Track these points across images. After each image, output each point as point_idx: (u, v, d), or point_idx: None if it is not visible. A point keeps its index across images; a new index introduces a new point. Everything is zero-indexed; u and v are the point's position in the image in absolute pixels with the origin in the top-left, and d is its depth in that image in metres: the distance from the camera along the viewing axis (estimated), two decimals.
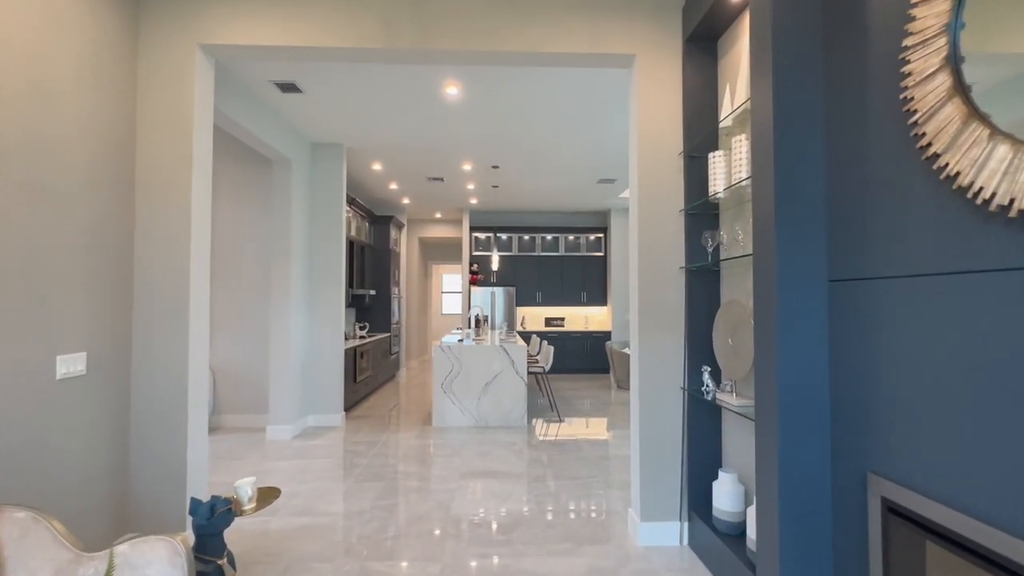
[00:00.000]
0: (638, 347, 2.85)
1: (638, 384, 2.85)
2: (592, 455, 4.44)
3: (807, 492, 1.67)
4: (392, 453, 4.46)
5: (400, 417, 5.87)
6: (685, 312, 2.83)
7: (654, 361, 2.84)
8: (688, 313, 2.79)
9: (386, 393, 7.42)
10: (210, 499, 1.95)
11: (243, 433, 5.10)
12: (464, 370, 5.43)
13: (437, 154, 5.94)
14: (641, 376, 2.84)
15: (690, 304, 2.79)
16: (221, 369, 5.36)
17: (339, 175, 5.55)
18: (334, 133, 5.25)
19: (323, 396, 5.44)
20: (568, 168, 6.58)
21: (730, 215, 2.64)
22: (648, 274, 2.85)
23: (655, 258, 2.86)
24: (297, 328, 5.13)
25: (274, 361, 4.95)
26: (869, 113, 1.53)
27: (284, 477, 3.83)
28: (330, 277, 5.49)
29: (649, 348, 2.84)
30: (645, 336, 2.84)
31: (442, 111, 4.60)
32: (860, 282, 1.56)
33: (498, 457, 4.35)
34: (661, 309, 2.85)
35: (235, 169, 5.43)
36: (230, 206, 5.42)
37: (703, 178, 2.78)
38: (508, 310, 9.43)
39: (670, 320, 2.85)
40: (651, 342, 2.84)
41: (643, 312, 2.85)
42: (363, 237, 7.76)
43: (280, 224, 5.00)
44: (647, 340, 2.84)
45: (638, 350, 2.85)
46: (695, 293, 2.79)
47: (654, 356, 2.84)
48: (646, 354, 2.84)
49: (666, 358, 2.84)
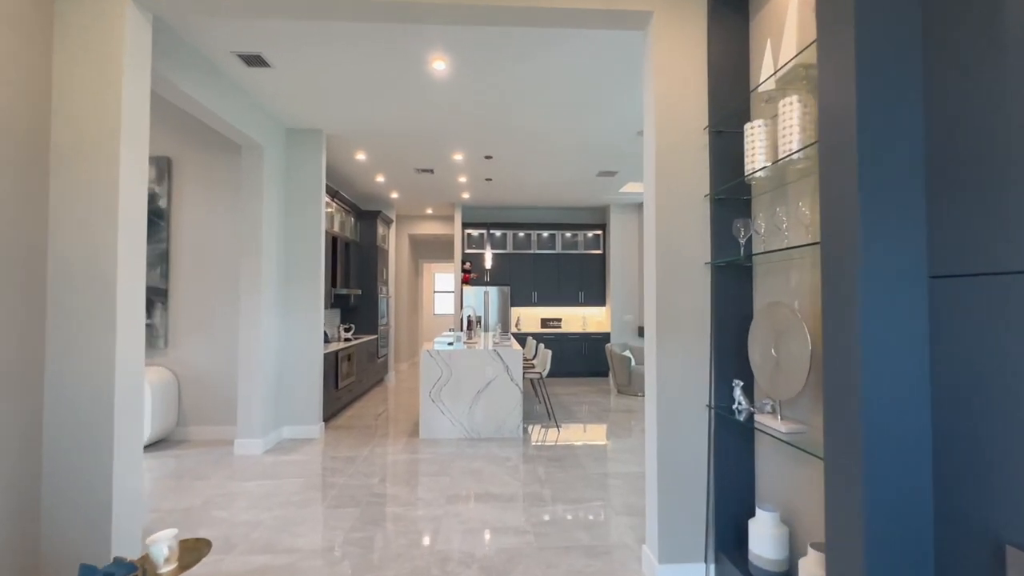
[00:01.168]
0: (655, 356, 2.42)
1: (655, 399, 2.42)
2: (595, 472, 4.00)
3: (904, 566, 1.23)
4: (373, 471, 4.00)
5: (386, 427, 5.41)
6: (711, 316, 2.39)
7: (674, 373, 2.40)
8: (715, 317, 2.36)
9: (372, 399, 6.96)
10: (111, 562, 1.50)
11: (211, 447, 4.63)
12: (454, 377, 4.98)
13: (425, 142, 5.49)
14: (659, 390, 2.40)
15: (717, 306, 2.35)
16: (187, 376, 4.88)
17: (317, 164, 5.08)
18: (311, 117, 4.78)
19: (299, 405, 4.97)
20: (566, 159, 6.14)
21: (767, 200, 2.21)
22: (667, 271, 2.42)
23: (675, 253, 2.42)
24: (270, 331, 4.66)
25: (243, 368, 4.48)
26: (1009, 33, 1.09)
27: (248, 501, 3.37)
28: (308, 275, 5.02)
29: (668, 357, 2.40)
30: (664, 343, 2.40)
31: (429, 92, 4.15)
32: (983, 279, 1.13)
33: (491, 476, 3.91)
34: (682, 312, 2.41)
35: (202, 156, 4.95)
36: (196, 197, 4.94)
37: (733, 156, 2.35)
38: (502, 311, 8.99)
39: (693, 325, 2.41)
40: (670, 350, 2.40)
41: (661, 315, 2.41)
42: (348, 233, 7.29)
43: (250, 217, 4.53)
44: (666, 348, 2.40)
45: (655, 360, 2.42)
46: (723, 293, 2.36)
47: (674, 367, 2.40)
48: (665, 364, 2.40)
49: (688, 369, 2.41)
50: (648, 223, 2.52)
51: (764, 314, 2.06)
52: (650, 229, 2.49)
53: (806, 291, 1.93)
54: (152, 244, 4.85)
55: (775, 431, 1.92)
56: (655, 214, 2.43)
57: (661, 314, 2.41)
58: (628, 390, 7.34)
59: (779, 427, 1.91)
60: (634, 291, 8.87)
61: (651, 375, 2.47)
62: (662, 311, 2.41)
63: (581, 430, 5.33)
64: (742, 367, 2.34)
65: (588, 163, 6.33)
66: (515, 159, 6.13)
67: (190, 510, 3.23)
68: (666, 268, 2.41)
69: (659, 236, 2.42)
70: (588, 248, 9.23)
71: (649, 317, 2.50)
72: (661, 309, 2.41)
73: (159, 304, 4.84)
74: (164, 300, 4.85)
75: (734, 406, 2.26)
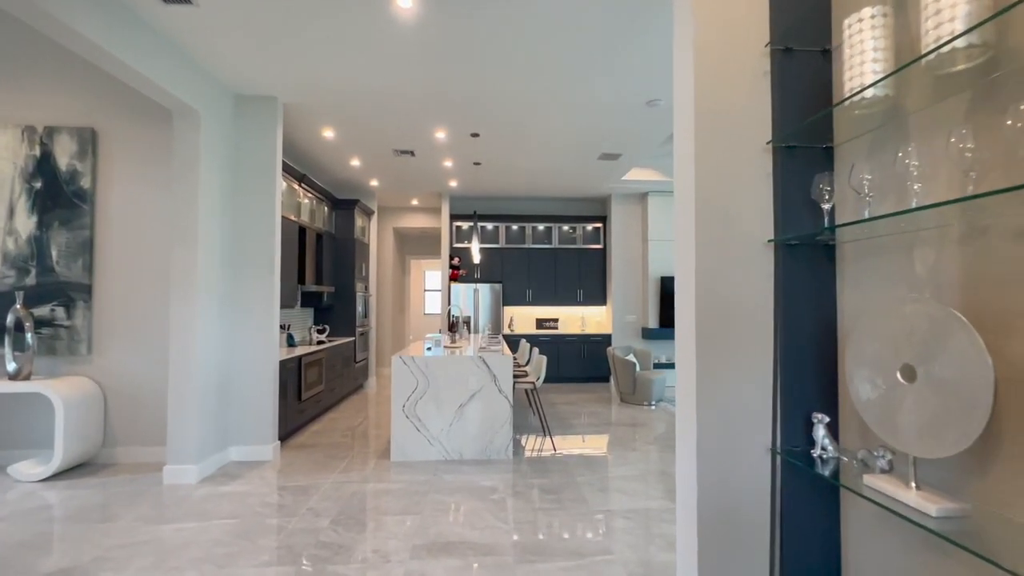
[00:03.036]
0: (694, 375, 1.68)
1: (693, 437, 1.68)
2: (599, 509, 3.26)
3: None
4: (326, 508, 3.25)
5: (354, 445, 4.66)
6: (775, 318, 1.65)
7: (721, 399, 1.66)
8: (781, 319, 1.62)
9: (346, 410, 6.19)
10: None
11: (139, 474, 3.87)
12: (432, 388, 4.23)
13: (402, 116, 4.73)
14: (700, 424, 1.66)
15: (785, 303, 1.62)
16: (115, 389, 4.12)
17: (272, 137, 4.32)
18: (262, 81, 4.02)
19: (249, 422, 4.21)
20: (563, 138, 5.39)
21: (872, 142, 1.47)
22: (711, 254, 1.68)
23: (723, 227, 1.68)
24: (210, 335, 3.90)
25: (174, 380, 3.72)
26: None
27: (154, 557, 2.61)
28: (260, 269, 4.26)
29: (712, 377, 1.66)
30: (706, 357, 1.66)
31: (396, 45, 3.39)
32: None
33: (471, 514, 3.16)
34: (733, 312, 1.67)
35: (135, 127, 4.18)
36: (128, 176, 4.17)
37: (808, 85, 1.61)
38: (494, 310, 8.24)
39: (748, 331, 1.67)
40: (715, 367, 1.66)
41: (703, 318, 1.67)
42: (320, 223, 6.53)
43: (183, 198, 3.76)
44: (709, 364, 1.66)
45: (693, 379, 1.68)
46: (794, 285, 1.62)
47: (721, 391, 1.66)
48: (708, 387, 1.66)
49: (741, 395, 1.67)
50: (683, 186, 1.78)
51: (880, 316, 1.32)
52: (685, 195, 1.75)
53: (954, 279, 1.20)
54: (72, 231, 4.07)
55: (911, 508, 1.18)
56: (694, 173, 1.69)
57: (703, 316, 1.67)
58: (632, 399, 6.61)
59: (917, 502, 1.16)
60: (637, 289, 8.14)
61: (687, 401, 1.73)
62: (704, 311, 1.67)
63: (581, 449, 4.58)
64: (824, 394, 1.60)
65: (588, 143, 5.59)
66: (506, 138, 5.38)
67: (70, 573, 2.47)
68: (710, 249, 1.67)
69: (700, 204, 1.68)
70: (587, 242, 8.49)
71: (684, 320, 1.76)
72: (702, 309, 1.67)
73: (81, 303, 4.07)
74: (87, 298, 4.08)
75: (815, 452, 1.53)
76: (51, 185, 4.07)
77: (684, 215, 1.75)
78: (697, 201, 1.68)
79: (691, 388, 1.70)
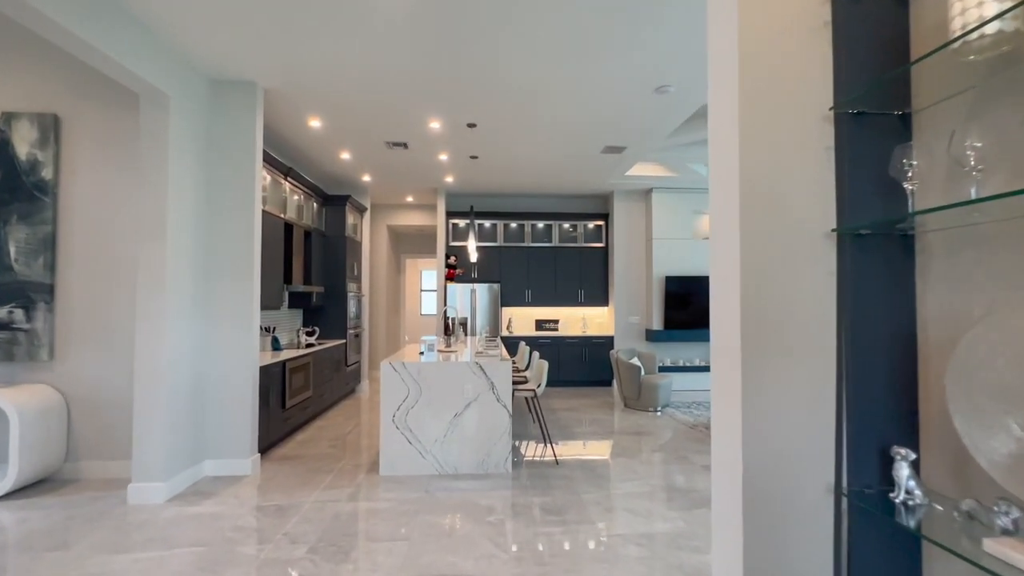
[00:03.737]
0: (738, 395, 1.36)
1: (738, 472, 1.36)
2: (608, 532, 2.95)
3: None
4: (305, 531, 2.92)
5: (341, 457, 4.33)
6: (840, 324, 1.34)
7: (770, 424, 1.35)
8: (848, 327, 1.30)
9: (335, 417, 5.87)
10: None
11: (103, 491, 3.54)
12: (424, 396, 3.91)
13: (393, 104, 4.41)
14: (746, 456, 1.34)
15: (853, 308, 1.30)
16: (80, 397, 3.78)
17: (251, 126, 3.99)
18: (239, 63, 3.69)
19: (226, 433, 3.88)
20: (564, 130, 5.08)
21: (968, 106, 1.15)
22: (758, 249, 1.36)
23: (773, 213, 1.37)
24: (182, 339, 3.57)
25: (140, 388, 3.39)
26: None
27: None
28: (238, 267, 3.93)
29: (762, 398, 1.35)
30: (754, 373, 1.35)
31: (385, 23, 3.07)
32: None
33: (466, 539, 2.84)
34: (785, 320, 1.36)
35: (102, 113, 3.85)
36: (94, 167, 3.84)
37: (888, 33, 1.30)
38: (492, 311, 7.92)
39: (804, 341, 1.36)
40: (765, 386, 1.35)
41: (749, 326, 1.35)
42: (308, 220, 6.20)
43: (152, 189, 3.43)
44: (758, 381, 1.35)
45: (738, 400, 1.36)
46: (865, 284, 1.30)
47: (770, 414, 1.35)
48: (756, 409, 1.35)
49: (796, 420, 1.35)
50: (723, 169, 1.46)
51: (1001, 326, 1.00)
52: (725, 178, 1.44)
53: None
54: (32, 226, 3.74)
55: None
56: (737, 151, 1.37)
57: (749, 324, 1.35)
58: (637, 404, 6.29)
59: None
60: (640, 290, 7.83)
61: (727, 427, 1.42)
62: (750, 319, 1.35)
63: (584, 461, 4.27)
64: (902, 421, 1.29)
65: (591, 135, 5.27)
66: (504, 129, 5.06)
67: None
68: (757, 243, 1.36)
69: (745, 188, 1.36)
70: (589, 241, 8.17)
71: (723, 329, 1.44)
72: (749, 316, 1.35)
73: (41, 304, 3.73)
74: (49, 299, 3.74)
75: (896, 496, 1.21)
76: (8, 176, 3.74)
77: (724, 202, 1.44)
78: (742, 184, 1.36)
79: (733, 411, 1.38)
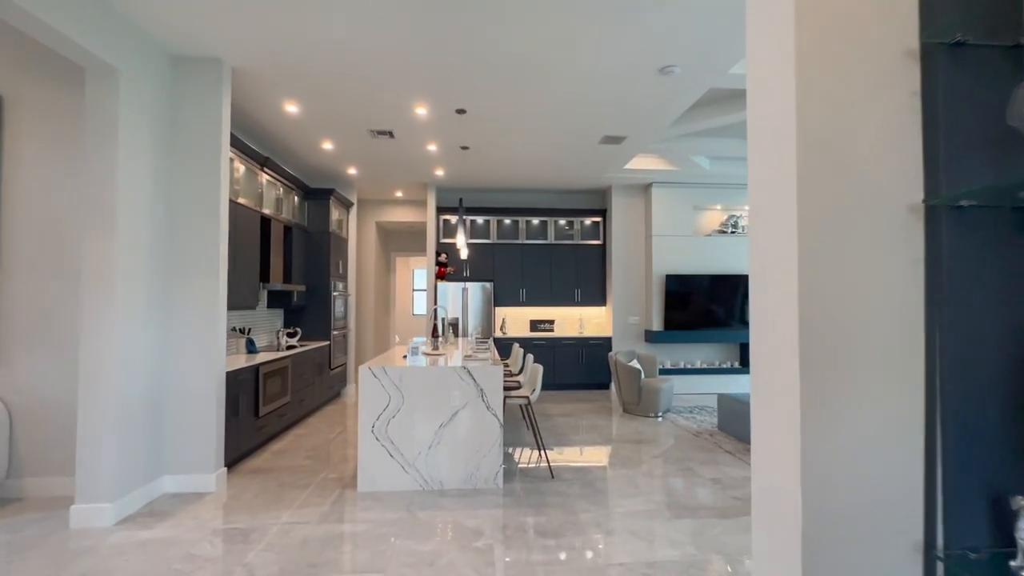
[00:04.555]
0: (797, 422, 1.03)
1: (797, 528, 1.03)
2: (611, 561, 2.61)
3: None
4: (268, 563, 2.57)
5: (318, 470, 3.98)
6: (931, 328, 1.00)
7: (836, 461, 1.01)
8: (945, 331, 0.97)
9: (316, 424, 5.50)
10: None
11: (49, 510, 3.17)
12: (407, 404, 3.56)
13: (375, 85, 4.05)
14: (806, 504, 1.01)
15: (952, 305, 0.97)
16: (24, 406, 3.41)
17: (216, 109, 3.63)
18: (204, 38, 3.33)
19: (188, 446, 3.52)
20: (560, 117, 4.74)
21: None
22: (820, 227, 1.02)
23: (840, 184, 1.03)
24: (134, 341, 3.21)
25: (84, 397, 3.02)
26: None
27: None
28: (201, 264, 3.57)
29: (823, 425, 1.01)
30: (813, 395, 1.01)
31: None
32: None
33: (449, 571, 2.50)
34: (857, 321, 1.02)
35: (50, 94, 3.48)
36: (40, 152, 3.46)
37: None
38: (484, 311, 7.57)
39: (881, 351, 1.02)
40: (828, 410, 1.01)
41: (808, 331, 1.01)
42: (288, 214, 5.83)
43: (98, 174, 3.07)
44: (820, 407, 1.01)
45: (796, 430, 1.03)
46: (968, 274, 0.97)
47: (836, 449, 1.01)
48: (815, 442, 1.01)
49: (870, 458, 1.02)
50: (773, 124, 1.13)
51: None
52: (772, 139, 1.10)
53: None
54: None
55: None
56: (794, 96, 1.04)
57: (808, 329, 1.01)
58: (637, 409, 5.97)
59: None
60: (640, 289, 7.51)
61: (780, 464, 1.08)
62: (810, 321, 1.01)
63: (582, 472, 3.93)
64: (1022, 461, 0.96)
65: (589, 124, 4.94)
66: (496, 116, 4.72)
67: None
68: (818, 220, 1.02)
69: (804, 148, 1.03)
70: (586, 238, 7.84)
71: (768, 335, 1.11)
72: (808, 318, 1.01)
73: None
74: None
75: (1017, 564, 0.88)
76: None
77: (772, 173, 1.10)
78: (800, 146, 1.03)
79: (786, 445, 1.05)
